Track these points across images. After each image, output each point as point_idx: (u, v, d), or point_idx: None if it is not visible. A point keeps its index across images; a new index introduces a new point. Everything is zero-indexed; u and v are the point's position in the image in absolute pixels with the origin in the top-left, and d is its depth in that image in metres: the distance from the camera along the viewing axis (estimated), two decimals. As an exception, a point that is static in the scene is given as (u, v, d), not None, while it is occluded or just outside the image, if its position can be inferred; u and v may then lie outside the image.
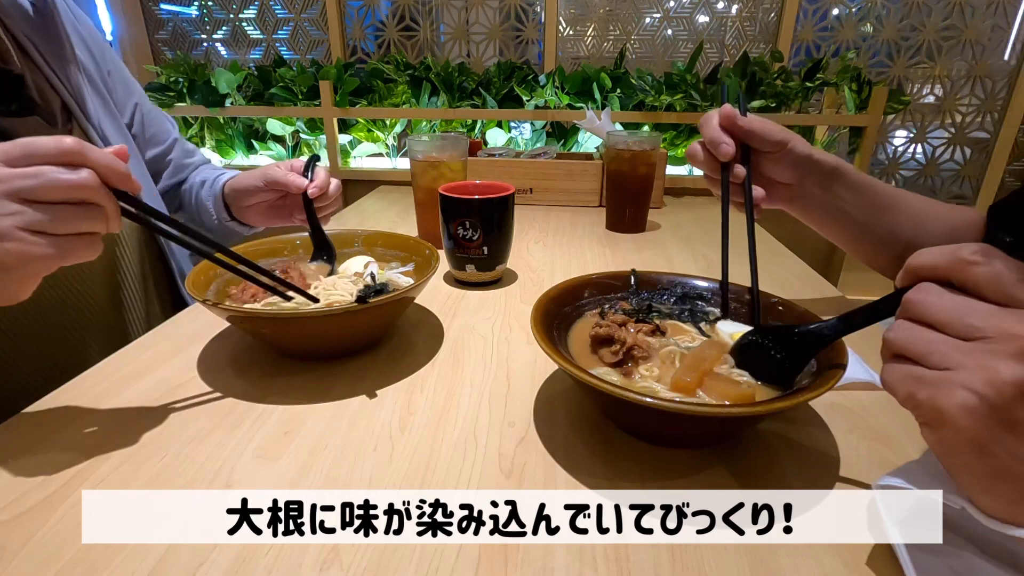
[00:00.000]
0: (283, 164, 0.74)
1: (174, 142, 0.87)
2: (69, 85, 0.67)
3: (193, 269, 0.57)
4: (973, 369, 0.26)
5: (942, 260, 0.29)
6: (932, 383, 0.27)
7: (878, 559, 0.34)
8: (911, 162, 1.80)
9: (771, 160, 0.58)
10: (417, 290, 0.56)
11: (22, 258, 0.35)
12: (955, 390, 0.26)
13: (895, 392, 0.29)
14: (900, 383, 0.29)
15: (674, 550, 0.35)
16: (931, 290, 0.29)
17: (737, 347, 0.46)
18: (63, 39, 0.67)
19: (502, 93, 1.60)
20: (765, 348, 0.43)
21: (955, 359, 0.27)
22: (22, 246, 0.35)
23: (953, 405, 0.26)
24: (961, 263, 0.28)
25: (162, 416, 0.48)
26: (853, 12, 1.65)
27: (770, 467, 0.42)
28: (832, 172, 0.60)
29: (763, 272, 0.59)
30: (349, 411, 0.49)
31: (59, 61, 0.66)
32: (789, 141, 0.57)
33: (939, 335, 0.28)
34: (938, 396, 0.27)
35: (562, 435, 0.46)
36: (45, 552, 0.34)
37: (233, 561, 0.34)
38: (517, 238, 0.84)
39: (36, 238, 0.36)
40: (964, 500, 0.29)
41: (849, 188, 0.61)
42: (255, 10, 1.80)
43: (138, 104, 0.81)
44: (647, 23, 1.70)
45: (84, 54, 0.72)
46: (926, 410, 0.27)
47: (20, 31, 0.63)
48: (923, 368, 0.28)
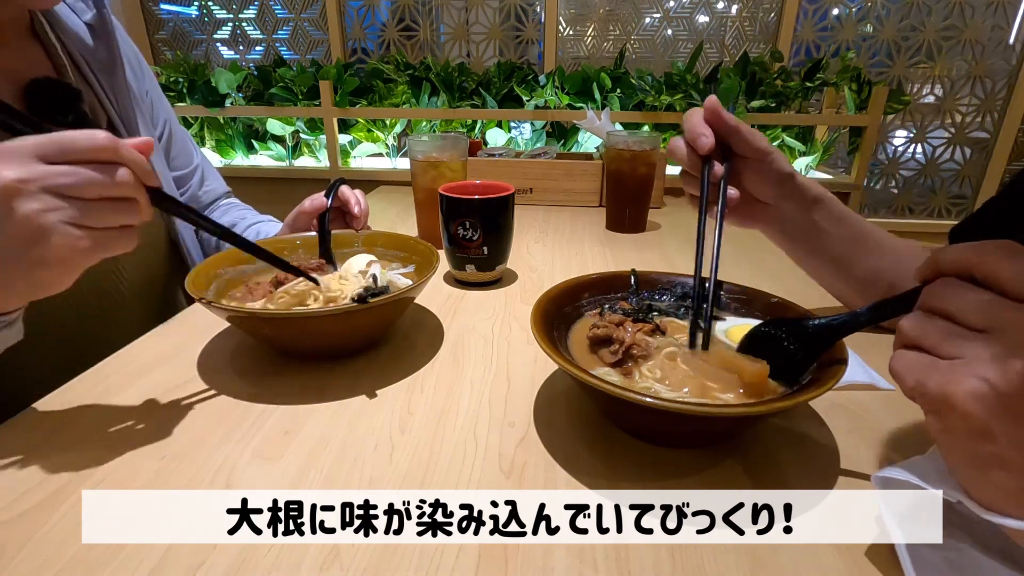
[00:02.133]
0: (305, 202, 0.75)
1: (195, 169, 0.87)
2: (116, 104, 0.70)
3: (193, 269, 0.57)
4: (986, 358, 0.26)
5: (967, 255, 0.29)
6: (943, 370, 0.27)
7: (878, 559, 0.34)
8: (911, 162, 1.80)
9: (752, 171, 0.56)
10: (417, 290, 0.56)
11: (67, 252, 0.36)
12: (966, 377, 0.26)
13: (903, 380, 0.29)
14: (909, 370, 0.29)
15: (674, 550, 0.35)
16: (951, 283, 0.29)
17: (747, 339, 0.46)
18: (116, 60, 0.70)
19: (502, 93, 1.60)
20: (777, 339, 0.43)
21: (968, 348, 0.27)
22: (67, 240, 0.36)
23: (963, 391, 0.26)
24: (986, 258, 0.28)
25: (162, 416, 0.48)
26: (853, 12, 1.65)
27: (770, 467, 0.42)
28: (815, 200, 0.58)
29: (763, 272, 0.59)
30: (349, 411, 0.49)
31: (109, 80, 0.70)
32: (771, 153, 0.55)
33: (954, 326, 0.28)
34: (948, 383, 0.27)
35: (562, 435, 0.46)
36: (45, 552, 0.34)
37: (233, 561, 0.34)
38: (517, 238, 0.84)
39: (79, 232, 0.37)
40: (961, 493, 0.29)
41: (830, 218, 0.59)
42: (255, 10, 1.80)
43: (167, 122, 0.82)
44: (647, 23, 1.70)
45: (129, 73, 0.74)
46: (934, 397, 0.27)
47: (76, 49, 0.66)
48: (934, 357, 0.28)
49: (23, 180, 0.35)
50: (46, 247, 0.36)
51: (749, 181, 0.56)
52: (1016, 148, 1.73)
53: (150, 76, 0.81)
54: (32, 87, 0.60)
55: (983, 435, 0.26)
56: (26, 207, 0.35)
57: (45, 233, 0.35)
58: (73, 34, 0.67)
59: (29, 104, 0.60)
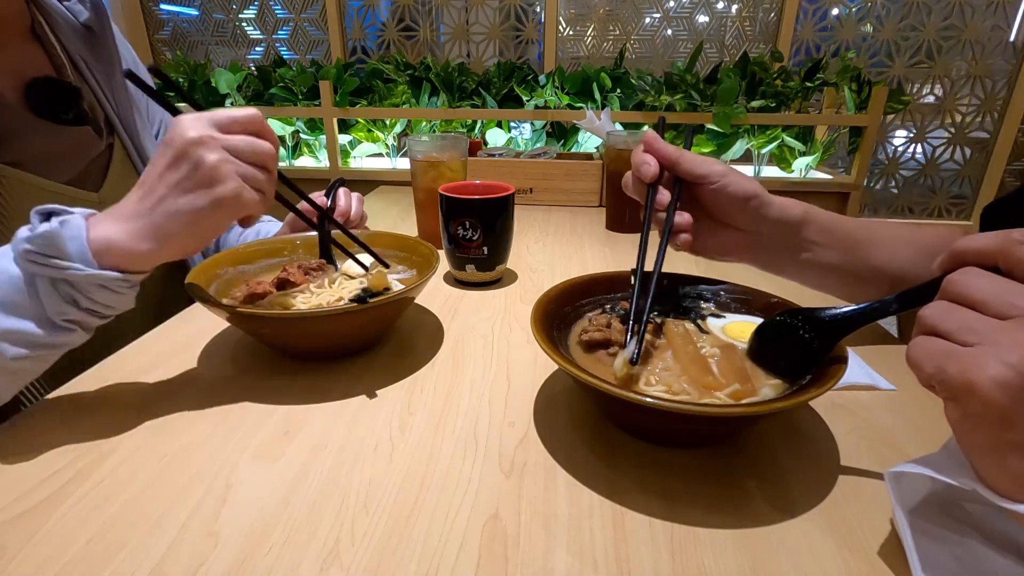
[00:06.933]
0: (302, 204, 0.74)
1: None
2: (114, 101, 0.71)
3: (193, 269, 0.57)
4: (1009, 345, 0.26)
5: (991, 243, 0.28)
6: (964, 357, 0.27)
7: (879, 558, 0.34)
8: (911, 162, 1.80)
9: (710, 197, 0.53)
10: (417, 290, 0.56)
11: (238, 197, 0.44)
12: (989, 362, 0.26)
13: (921, 367, 0.29)
14: (927, 357, 0.28)
15: (674, 550, 0.35)
16: (973, 272, 0.29)
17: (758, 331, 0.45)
18: (113, 58, 0.71)
19: (502, 93, 1.60)
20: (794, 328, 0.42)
21: (990, 335, 0.27)
22: (238, 186, 0.44)
23: (986, 377, 0.26)
24: (1010, 245, 0.27)
25: (162, 416, 0.48)
26: (853, 12, 1.65)
27: (770, 467, 0.42)
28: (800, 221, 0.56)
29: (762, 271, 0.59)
30: (349, 411, 0.49)
31: (106, 78, 0.71)
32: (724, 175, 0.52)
33: (976, 314, 0.28)
34: (970, 369, 0.26)
35: (562, 435, 0.46)
36: (45, 552, 0.34)
37: (233, 561, 0.34)
38: (517, 238, 0.84)
39: (245, 184, 0.45)
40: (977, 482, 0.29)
41: (819, 231, 0.57)
42: (255, 10, 1.80)
43: (163, 121, 0.83)
44: (647, 23, 1.70)
45: None
46: (955, 384, 0.27)
47: (74, 48, 0.68)
48: (953, 344, 0.28)
49: (209, 136, 0.43)
50: (224, 189, 0.43)
51: (713, 208, 0.54)
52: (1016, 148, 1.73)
53: (146, 76, 0.81)
54: (32, 86, 0.61)
55: (1004, 422, 0.26)
56: (211, 156, 0.43)
57: (223, 178, 0.43)
58: (72, 35, 0.68)
59: (30, 102, 0.61)
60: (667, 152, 0.52)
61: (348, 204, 0.78)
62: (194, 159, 0.43)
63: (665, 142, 0.53)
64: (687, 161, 0.52)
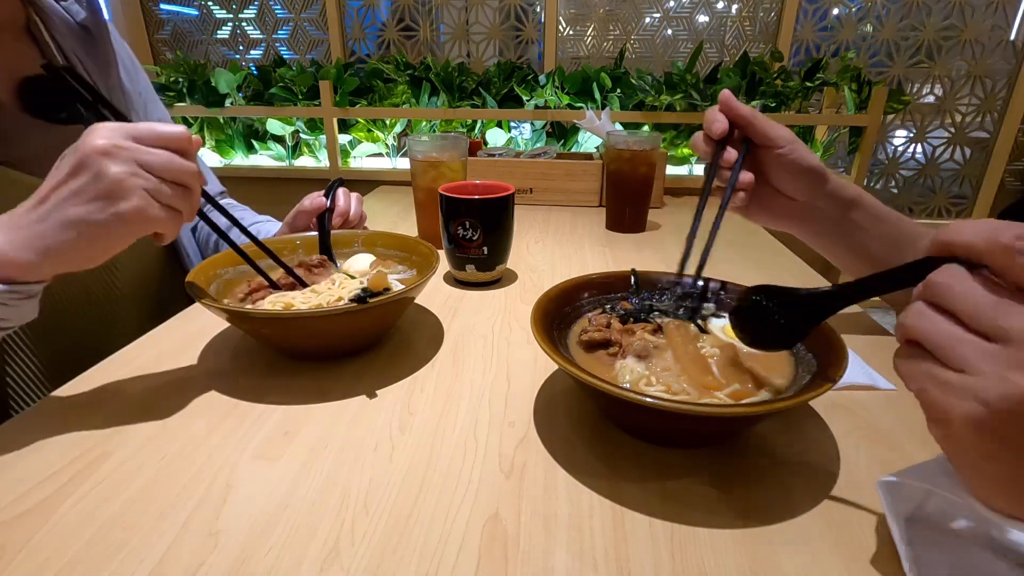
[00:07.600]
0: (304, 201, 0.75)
1: None
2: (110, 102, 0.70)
3: (193, 269, 0.57)
4: (990, 377, 0.24)
5: (980, 242, 0.26)
6: (944, 384, 0.26)
7: (878, 558, 0.34)
8: (911, 162, 1.80)
9: (774, 163, 0.56)
10: (417, 290, 0.56)
11: (142, 214, 0.42)
12: (965, 399, 0.25)
13: (907, 381, 0.28)
14: (912, 376, 0.28)
15: (674, 550, 0.35)
16: (959, 276, 0.26)
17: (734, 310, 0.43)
18: (110, 59, 0.71)
19: (502, 93, 1.60)
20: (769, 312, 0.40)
21: (973, 362, 0.25)
22: (144, 203, 0.42)
23: (959, 415, 0.25)
24: (1002, 249, 0.25)
25: (162, 416, 0.48)
26: (853, 12, 1.65)
27: (770, 467, 0.42)
28: (852, 201, 0.58)
29: (763, 272, 0.59)
30: (349, 411, 0.49)
31: (103, 79, 0.70)
32: (791, 143, 0.56)
33: (959, 330, 0.26)
34: (947, 400, 0.26)
35: (562, 435, 0.46)
36: (45, 552, 0.34)
37: (233, 561, 0.34)
38: (517, 238, 0.84)
39: (153, 201, 0.43)
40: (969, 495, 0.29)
41: (869, 217, 0.58)
42: (255, 10, 1.80)
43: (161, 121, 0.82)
44: (647, 23, 1.70)
45: (123, 73, 0.75)
46: (935, 409, 0.27)
47: (70, 49, 0.67)
48: (938, 365, 0.26)
49: (116, 147, 0.41)
50: (127, 204, 0.41)
51: (774, 174, 0.58)
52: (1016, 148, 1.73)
53: (143, 76, 0.81)
54: (26, 85, 0.61)
55: (983, 454, 0.26)
56: (116, 168, 0.41)
57: (127, 192, 0.41)
58: (67, 34, 0.68)
59: (24, 101, 0.61)
60: (742, 111, 0.55)
61: (347, 204, 0.77)
62: (95, 169, 0.40)
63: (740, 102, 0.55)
64: (760, 122, 0.55)
